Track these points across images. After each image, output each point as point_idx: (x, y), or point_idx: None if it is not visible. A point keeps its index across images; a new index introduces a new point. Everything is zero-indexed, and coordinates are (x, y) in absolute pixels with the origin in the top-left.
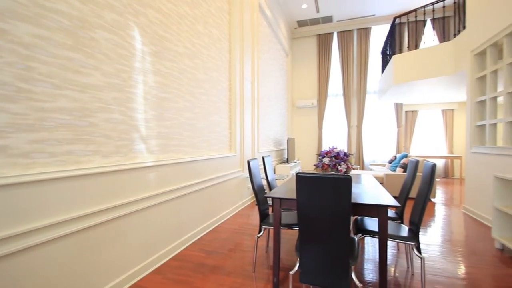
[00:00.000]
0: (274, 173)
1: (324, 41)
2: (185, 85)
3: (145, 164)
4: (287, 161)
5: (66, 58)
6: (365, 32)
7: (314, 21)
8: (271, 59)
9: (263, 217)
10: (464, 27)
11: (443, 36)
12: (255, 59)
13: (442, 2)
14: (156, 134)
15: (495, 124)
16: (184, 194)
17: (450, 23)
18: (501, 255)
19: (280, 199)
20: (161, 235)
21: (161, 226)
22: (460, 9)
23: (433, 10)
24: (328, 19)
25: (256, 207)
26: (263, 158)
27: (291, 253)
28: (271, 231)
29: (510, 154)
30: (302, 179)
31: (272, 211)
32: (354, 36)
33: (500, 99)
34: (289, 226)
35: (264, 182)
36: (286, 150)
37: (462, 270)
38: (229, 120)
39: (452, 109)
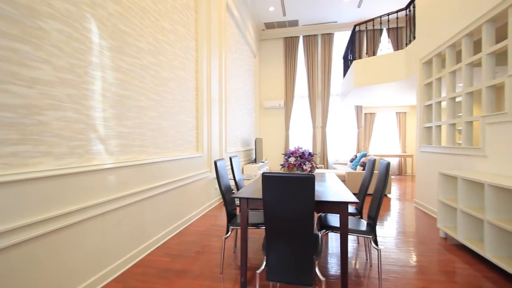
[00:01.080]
0: (242, 173)
1: (290, 44)
2: (149, 83)
3: (104, 166)
4: (255, 161)
5: (10, 49)
6: (328, 38)
7: (281, 24)
8: (239, 59)
9: (231, 217)
10: (414, 38)
11: (397, 45)
12: (223, 59)
13: (396, 14)
14: (116, 134)
15: (439, 126)
16: (148, 197)
17: (403, 33)
18: (445, 243)
19: (247, 199)
20: (122, 241)
21: (122, 231)
22: (411, 21)
23: (388, 21)
24: (294, 23)
25: (224, 208)
26: (230, 159)
27: (259, 252)
28: (239, 231)
29: (452, 153)
30: (267, 179)
31: (240, 211)
32: (318, 41)
33: (444, 104)
34: (256, 225)
35: (232, 183)
36: (254, 150)
37: (413, 258)
38: (196, 120)
39: (405, 112)
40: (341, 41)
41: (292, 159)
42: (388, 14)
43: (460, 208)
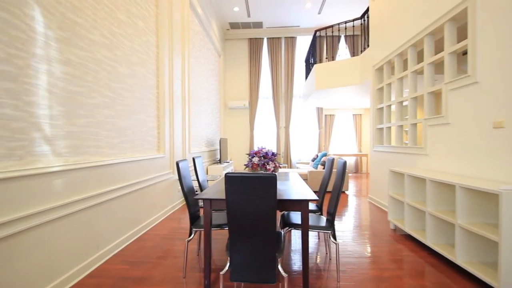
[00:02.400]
0: (207, 174)
1: (255, 45)
2: (103, 79)
3: (51, 169)
4: (219, 161)
5: None
6: (291, 41)
7: (246, 25)
8: (203, 58)
9: (194, 219)
10: (368, 46)
11: (353, 51)
12: (186, 57)
13: (352, 22)
14: (65, 133)
15: (390, 127)
16: (103, 201)
17: (359, 41)
18: (394, 234)
19: (211, 200)
20: (73, 250)
21: (72, 240)
22: (365, 30)
23: (345, 28)
24: (259, 25)
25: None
26: (193, 159)
27: (223, 253)
28: (203, 233)
29: (400, 152)
30: (230, 179)
31: (203, 213)
32: (282, 43)
33: (393, 107)
34: (221, 226)
35: (196, 184)
36: (219, 151)
37: (367, 250)
38: (157, 119)
39: (360, 114)
40: (303, 44)
41: (255, 159)
42: (345, 22)
43: (406, 201)
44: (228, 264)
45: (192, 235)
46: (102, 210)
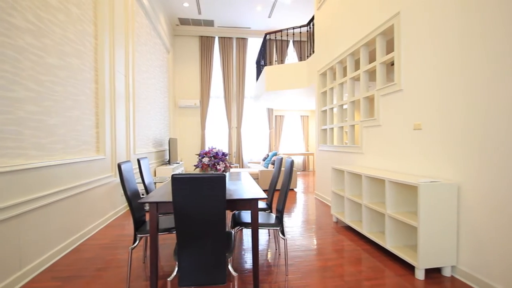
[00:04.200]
0: (154, 176)
1: (206, 43)
2: (27, 70)
3: None
4: (169, 162)
5: None
6: (243, 42)
7: (196, 22)
8: (149, 53)
9: (139, 225)
10: (313, 52)
11: (300, 56)
12: (130, 50)
13: (299, 29)
14: None
15: (332, 128)
16: (28, 211)
17: (306, 46)
18: (336, 226)
19: (157, 203)
20: None
21: None
22: (311, 37)
23: (293, 34)
24: (210, 23)
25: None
26: (138, 161)
27: (172, 258)
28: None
29: (341, 151)
30: (177, 181)
31: (149, 217)
32: (233, 44)
33: (335, 109)
34: (169, 230)
35: (142, 187)
36: (168, 151)
37: (313, 242)
38: (96, 117)
39: (307, 115)
40: (254, 46)
41: (205, 160)
42: (293, 28)
43: (346, 196)
44: (176, 269)
45: (137, 241)
46: (26, 221)
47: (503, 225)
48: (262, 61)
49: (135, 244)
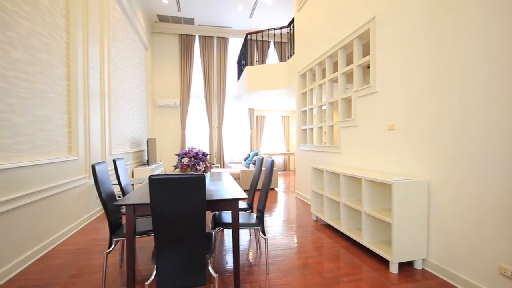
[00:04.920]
0: (132, 177)
1: (186, 41)
2: None
3: None
4: (147, 163)
5: None
6: (224, 41)
7: (176, 20)
8: (127, 50)
9: (115, 228)
10: (294, 53)
11: (281, 57)
12: (106, 46)
13: (280, 30)
14: None
15: (312, 128)
16: None
17: (286, 48)
18: (316, 224)
19: (134, 205)
20: None
21: None
22: (291, 38)
23: (274, 35)
24: (190, 21)
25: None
26: (114, 161)
27: (150, 261)
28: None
29: (320, 150)
30: (154, 182)
31: (126, 220)
32: (214, 43)
33: (315, 110)
34: (147, 233)
35: (118, 189)
36: (146, 152)
37: (294, 241)
38: (69, 116)
39: (288, 116)
40: (235, 46)
41: (185, 160)
42: (274, 29)
43: (325, 194)
44: (154, 272)
45: (113, 246)
46: None
47: (469, 220)
48: (243, 61)
49: (110, 249)
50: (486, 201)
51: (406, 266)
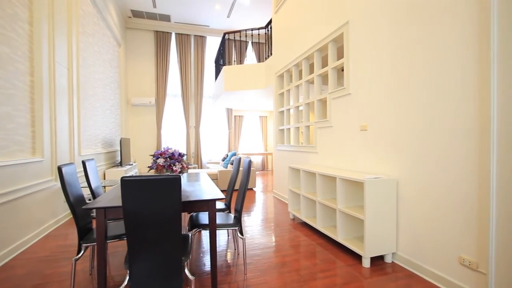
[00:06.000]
0: (104, 179)
1: (162, 39)
2: None
3: None
4: (120, 164)
5: None
6: (201, 40)
7: (151, 16)
8: (98, 45)
9: (85, 233)
10: (271, 54)
11: (259, 57)
12: (74, 41)
13: (258, 31)
14: None
15: (289, 128)
16: None
17: (264, 48)
18: (293, 223)
19: (105, 208)
20: None
21: None
22: (269, 39)
23: (252, 35)
24: (166, 18)
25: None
26: (83, 163)
27: (123, 267)
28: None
29: (297, 150)
30: (127, 183)
31: (96, 225)
32: (191, 41)
33: (292, 111)
34: (119, 237)
35: (88, 191)
36: (119, 152)
37: (271, 240)
38: (32, 115)
39: (266, 116)
40: (213, 45)
41: (161, 160)
42: (252, 30)
43: (302, 193)
44: (127, 278)
45: (82, 252)
46: None
47: (434, 216)
48: (221, 60)
49: (79, 255)
50: (449, 198)
51: (378, 260)
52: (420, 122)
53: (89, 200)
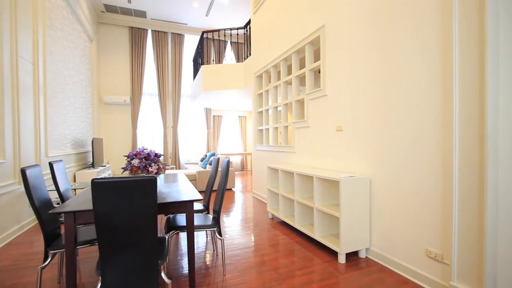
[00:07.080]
0: (74, 181)
1: (137, 35)
2: None
3: None
4: (92, 165)
5: None
6: (179, 38)
7: (126, 11)
8: (67, 40)
9: (52, 239)
10: (250, 54)
11: (238, 57)
12: (40, 35)
13: (237, 30)
14: None
15: (268, 129)
16: None
17: (243, 48)
18: (272, 222)
19: (74, 212)
20: None
21: None
22: (248, 39)
23: (231, 35)
24: (142, 14)
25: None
26: (50, 164)
27: (94, 273)
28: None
29: (276, 150)
30: (98, 186)
31: (65, 230)
32: (169, 39)
33: (271, 111)
34: (90, 242)
35: (56, 195)
36: (91, 153)
37: (250, 239)
38: None
39: (245, 116)
40: (191, 44)
41: (136, 161)
42: (231, 29)
43: (281, 193)
44: (99, 284)
45: (49, 259)
46: None
47: (403, 211)
48: (200, 59)
49: (46, 263)
50: (416, 195)
51: (353, 256)
52: (390, 123)
53: (57, 204)
